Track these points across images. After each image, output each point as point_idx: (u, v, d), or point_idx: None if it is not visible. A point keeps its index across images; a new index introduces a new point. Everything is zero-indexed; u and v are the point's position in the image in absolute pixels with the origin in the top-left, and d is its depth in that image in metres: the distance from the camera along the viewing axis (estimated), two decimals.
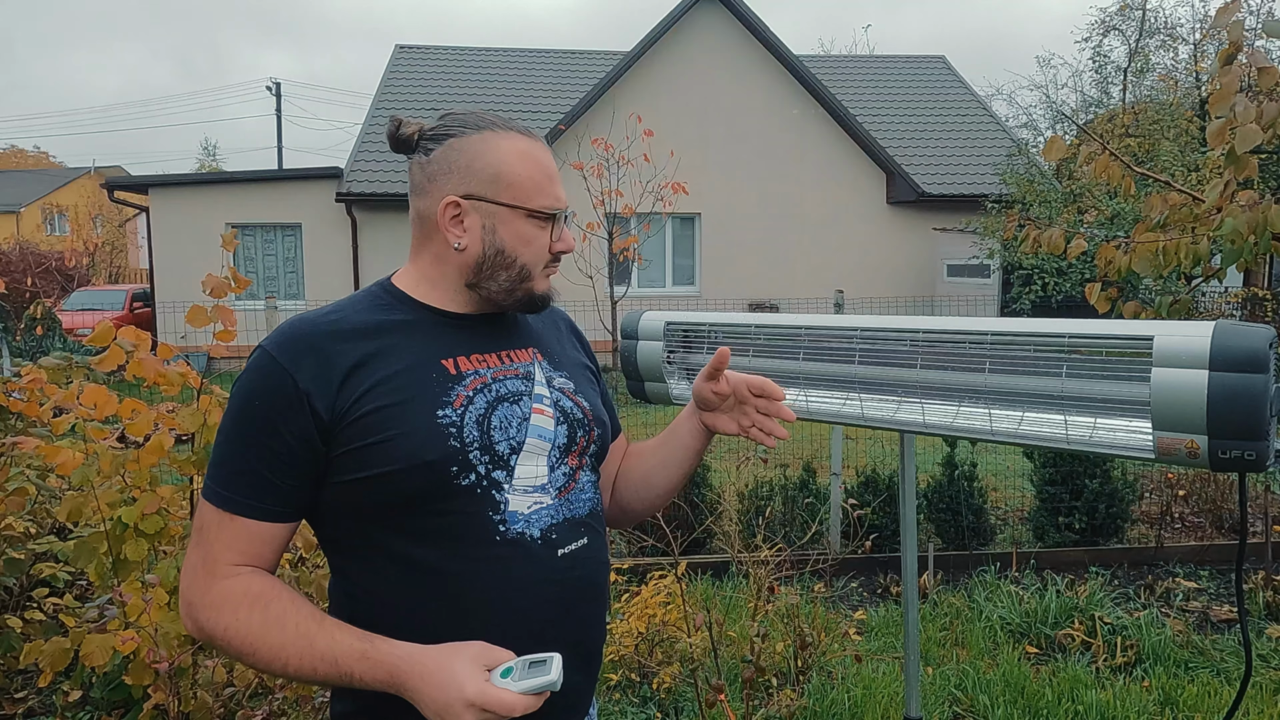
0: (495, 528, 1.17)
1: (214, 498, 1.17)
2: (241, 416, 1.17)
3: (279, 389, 1.15)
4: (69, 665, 2.45)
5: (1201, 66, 17.63)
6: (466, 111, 1.27)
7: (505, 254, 1.24)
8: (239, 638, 1.13)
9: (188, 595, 1.17)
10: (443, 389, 1.19)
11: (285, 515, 1.18)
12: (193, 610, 1.17)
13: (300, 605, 1.15)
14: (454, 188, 1.23)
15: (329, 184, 15.27)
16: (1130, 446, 1.35)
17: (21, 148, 47.75)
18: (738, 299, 15.09)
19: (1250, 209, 2.68)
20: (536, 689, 1.09)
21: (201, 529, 1.18)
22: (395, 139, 1.28)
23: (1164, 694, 3.41)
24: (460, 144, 1.23)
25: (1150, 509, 5.54)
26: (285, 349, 1.17)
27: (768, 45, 15.93)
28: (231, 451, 1.17)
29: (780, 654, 3.50)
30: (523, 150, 1.25)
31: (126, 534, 2.33)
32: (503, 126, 1.25)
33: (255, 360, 1.19)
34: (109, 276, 28.25)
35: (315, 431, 1.15)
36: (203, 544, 1.17)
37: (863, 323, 1.63)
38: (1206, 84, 15.21)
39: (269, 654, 1.13)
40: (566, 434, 1.28)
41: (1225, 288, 11.67)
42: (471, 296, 1.27)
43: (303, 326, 1.20)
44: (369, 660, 1.10)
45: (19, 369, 2.90)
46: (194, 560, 1.18)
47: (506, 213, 1.23)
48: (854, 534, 4.88)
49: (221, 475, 1.17)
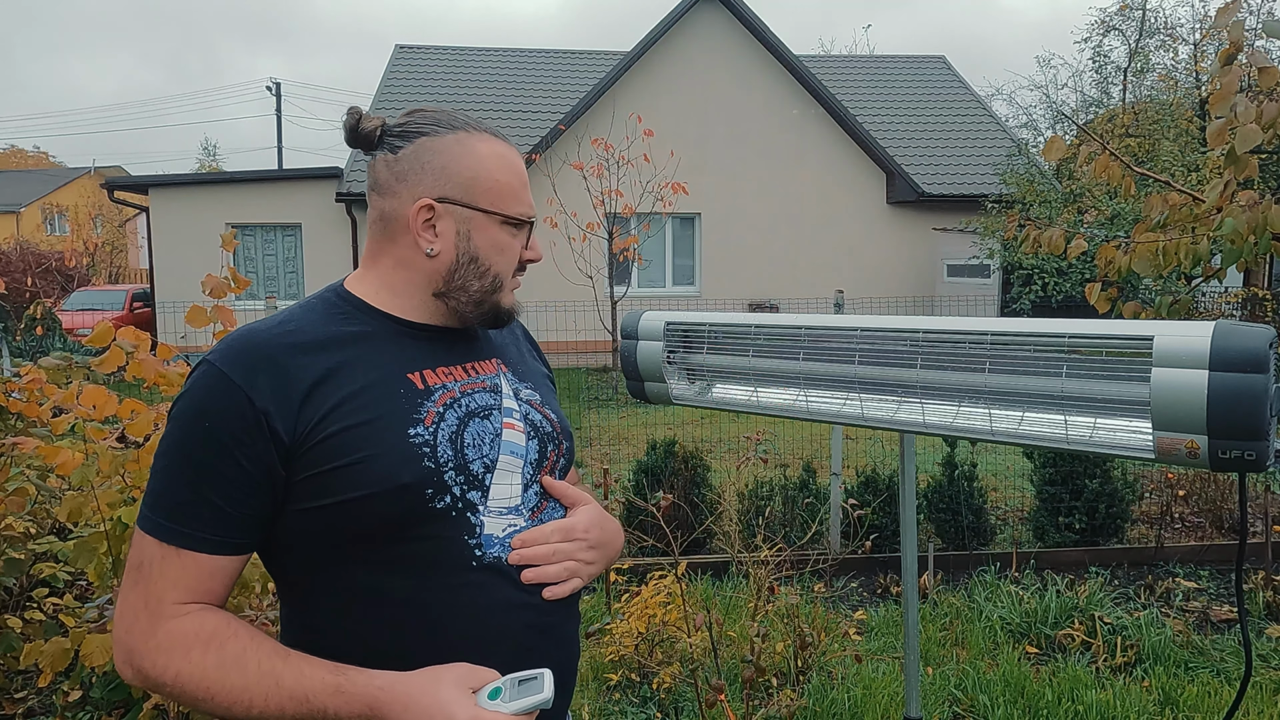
0: (471, 553, 1.11)
1: (157, 530, 1.05)
2: (188, 440, 1.06)
3: (232, 408, 1.04)
4: (69, 665, 2.45)
5: (1201, 66, 17.63)
6: (436, 109, 1.21)
7: (479, 262, 1.18)
8: (193, 683, 1.02)
9: (126, 641, 1.05)
10: (412, 405, 1.12)
11: (240, 547, 1.08)
12: (133, 658, 1.04)
13: (261, 641, 1.05)
14: (427, 189, 1.16)
15: (329, 184, 15.28)
16: (1130, 446, 1.35)
17: (21, 148, 47.84)
18: (738, 299, 15.10)
19: (1250, 209, 2.68)
20: (530, 708, 1.03)
21: (140, 566, 1.06)
22: (354, 133, 1.19)
23: (1164, 694, 3.41)
24: (434, 144, 1.16)
25: (1150, 509, 5.54)
26: (238, 364, 1.06)
27: (768, 45, 15.93)
28: (177, 479, 1.06)
29: (780, 654, 3.50)
30: (499, 154, 1.20)
31: (126, 534, 2.32)
32: (476, 128, 1.20)
33: (201, 376, 1.08)
34: (109, 276, 28.26)
35: (275, 455, 1.05)
36: (142, 582, 1.05)
37: (863, 323, 1.63)
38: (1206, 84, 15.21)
39: (229, 698, 1.02)
40: (538, 449, 1.22)
41: (1225, 288, 11.68)
42: (438, 307, 1.20)
43: (255, 339, 1.10)
44: (344, 694, 1.01)
45: (19, 369, 2.90)
46: (132, 602, 1.05)
47: (482, 219, 1.18)
48: (854, 534, 4.88)
49: (164, 506, 1.05)
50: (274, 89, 34.22)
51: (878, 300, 14.09)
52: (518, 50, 19.85)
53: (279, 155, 33.40)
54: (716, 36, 15.97)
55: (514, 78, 18.35)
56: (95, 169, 37.97)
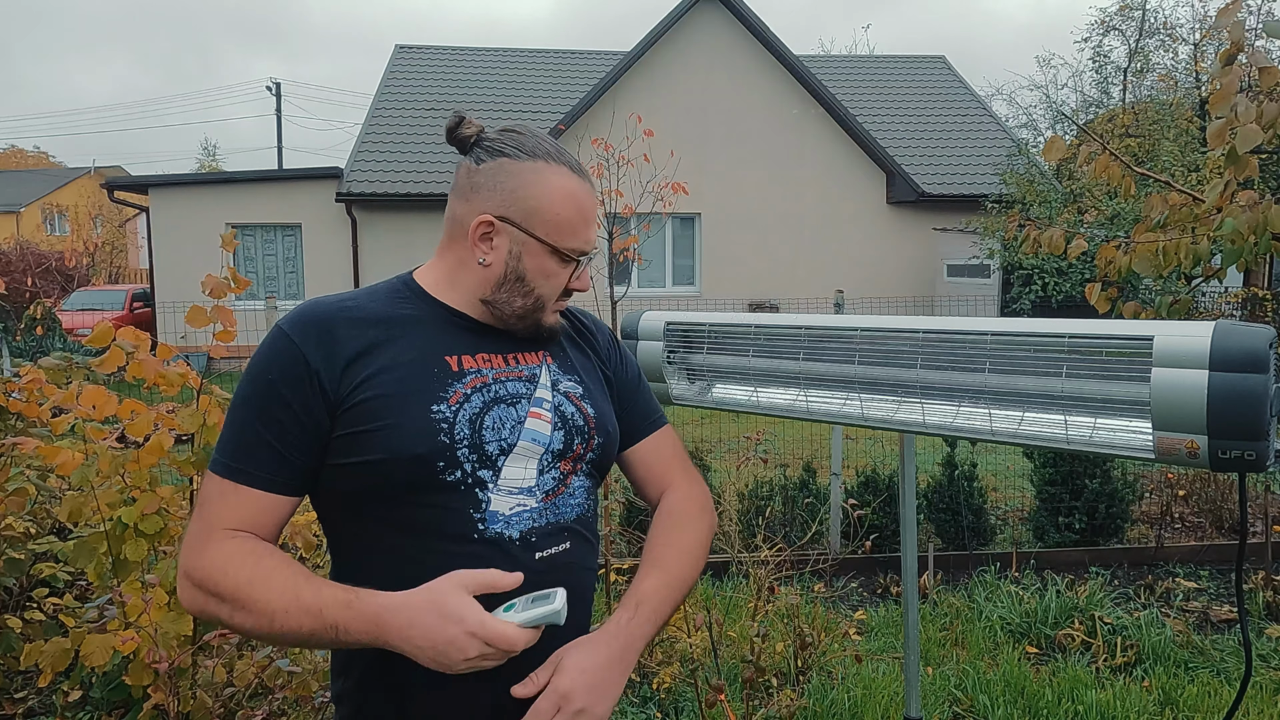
0: (474, 525, 1.18)
1: (220, 469, 1.20)
2: (254, 390, 1.20)
3: (291, 364, 1.18)
4: (69, 665, 2.45)
5: (1201, 66, 17.62)
6: (533, 133, 1.28)
7: (525, 282, 1.26)
8: (229, 593, 1.13)
9: (184, 564, 1.18)
10: (441, 385, 1.21)
11: (290, 488, 1.20)
12: (189, 572, 1.17)
13: (291, 563, 1.17)
14: (493, 206, 1.25)
15: (329, 184, 15.27)
16: (1130, 446, 1.35)
17: (21, 148, 47.77)
18: (738, 299, 15.09)
19: (1250, 209, 2.68)
20: (538, 620, 1.10)
21: (204, 502, 1.20)
22: (453, 134, 1.29)
23: (1164, 694, 3.41)
24: (512, 166, 1.25)
25: (1150, 509, 5.54)
26: (298, 328, 1.21)
27: (768, 45, 15.93)
28: (242, 424, 1.20)
29: (780, 654, 3.50)
30: (569, 191, 1.26)
31: (126, 534, 2.33)
32: (557, 159, 1.27)
33: (270, 338, 1.23)
34: (109, 276, 28.22)
35: (323, 408, 1.18)
36: (203, 515, 1.19)
37: (863, 323, 1.63)
38: (1206, 84, 15.21)
39: (257, 609, 1.12)
40: (563, 440, 1.28)
41: (1225, 288, 11.65)
42: (485, 310, 1.29)
43: (318, 309, 1.24)
44: (353, 609, 1.10)
45: (19, 369, 2.90)
46: (193, 531, 1.19)
47: (535, 245, 1.25)
48: (854, 534, 4.88)
49: (229, 448, 1.20)
50: (274, 89, 34.24)
51: (878, 300, 14.08)
52: (518, 50, 19.85)
53: (279, 155, 33.42)
54: (716, 36, 15.97)
55: (514, 78, 18.36)
56: (95, 169, 37.93)
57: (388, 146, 15.96)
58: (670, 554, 1.33)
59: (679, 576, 1.32)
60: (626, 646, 1.21)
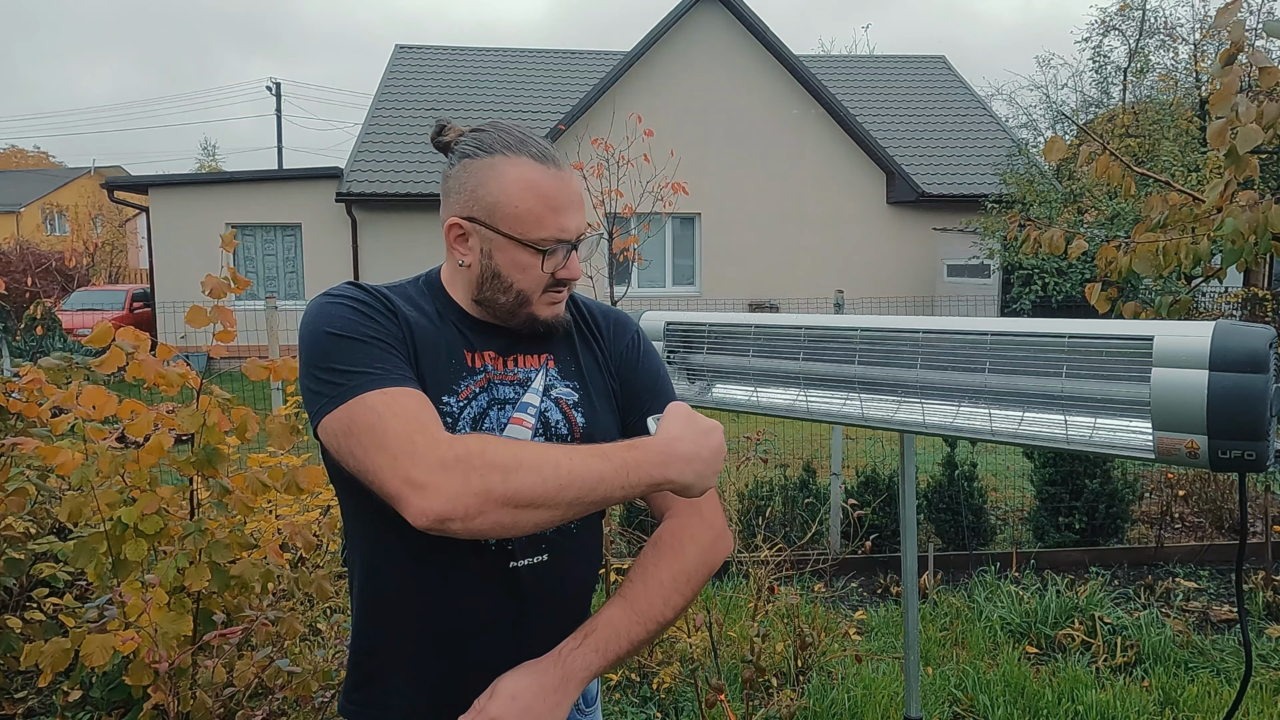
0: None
1: (371, 384, 1.11)
2: (349, 321, 1.17)
3: (374, 301, 1.21)
4: (69, 665, 2.45)
5: (1201, 66, 17.61)
6: (491, 128, 1.26)
7: (502, 278, 1.25)
8: (502, 459, 1.06)
9: (429, 456, 1.05)
10: (456, 377, 1.24)
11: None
12: (441, 460, 1.05)
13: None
14: (460, 208, 1.25)
15: (329, 184, 15.27)
16: (1130, 446, 1.35)
17: (21, 148, 47.77)
18: (738, 299, 15.09)
19: (1250, 209, 2.68)
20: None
21: (373, 425, 1.08)
22: (436, 142, 1.31)
23: (1164, 694, 3.41)
24: (472, 165, 1.24)
25: (1150, 509, 5.54)
26: (359, 288, 1.23)
27: (768, 45, 15.93)
28: (355, 352, 1.14)
29: (780, 654, 3.50)
30: (529, 181, 1.21)
31: (126, 534, 2.32)
32: (517, 151, 1.22)
33: (334, 293, 1.22)
34: (109, 276, 28.23)
35: (404, 342, 1.20)
36: (390, 427, 1.08)
37: (863, 323, 1.63)
38: (1206, 84, 15.21)
39: (539, 461, 1.07)
40: None
41: (1225, 288, 11.66)
42: (481, 308, 1.30)
43: (363, 285, 1.26)
44: (638, 449, 1.14)
45: (19, 369, 2.90)
46: (391, 448, 1.06)
47: (502, 240, 1.23)
48: (854, 534, 4.88)
49: (358, 370, 1.13)
50: (274, 89, 34.24)
51: (878, 300, 14.07)
52: (518, 50, 19.85)
53: (279, 155, 33.43)
54: (716, 36, 15.97)
55: (515, 78, 18.35)
56: (95, 169, 37.92)
57: (388, 146, 15.96)
58: (637, 588, 1.24)
59: (643, 611, 1.22)
60: (566, 676, 1.16)
